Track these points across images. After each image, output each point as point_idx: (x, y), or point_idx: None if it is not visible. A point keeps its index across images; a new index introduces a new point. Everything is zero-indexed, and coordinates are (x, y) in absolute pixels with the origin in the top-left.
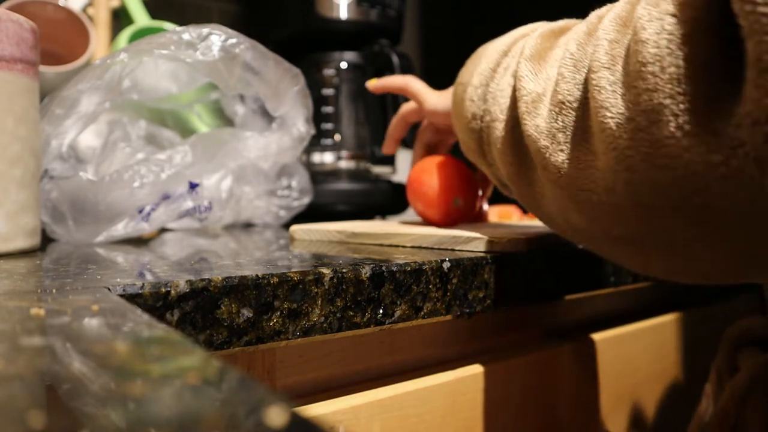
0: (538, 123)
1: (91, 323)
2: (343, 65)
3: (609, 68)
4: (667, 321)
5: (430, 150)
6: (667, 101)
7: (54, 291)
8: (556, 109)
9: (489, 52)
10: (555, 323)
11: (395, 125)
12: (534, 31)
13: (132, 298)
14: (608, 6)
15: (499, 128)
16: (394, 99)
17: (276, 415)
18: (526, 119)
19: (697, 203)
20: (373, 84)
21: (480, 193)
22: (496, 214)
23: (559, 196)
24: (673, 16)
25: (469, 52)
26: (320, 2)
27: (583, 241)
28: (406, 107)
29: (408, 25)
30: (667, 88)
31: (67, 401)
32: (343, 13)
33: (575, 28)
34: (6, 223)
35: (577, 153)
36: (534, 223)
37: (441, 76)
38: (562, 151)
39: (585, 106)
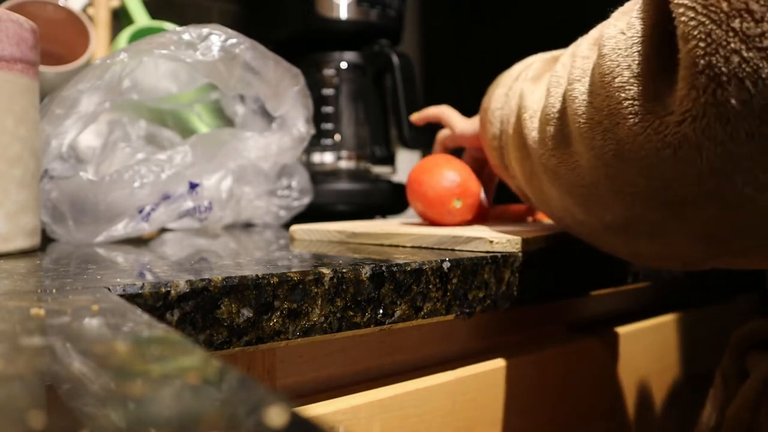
0: (534, 135)
1: (91, 323)
2: (343, 65)
3: (580, 80)
4: (667, 321)
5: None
6: (619, 106)
7: (54, 291)
8: (544, 121)
9: (504, 79)
10: (555, 323)
11: (435, 151)
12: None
13: (132, 298)
14: (591, 30)
15: (511, 144)
16: (394, 99)
17: (276, 415)
18: (526, 133)
19: (658, 187)
20: (415, 117)
21: (481, 193)
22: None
23: (560, 195)
24: (623, 33)
25: (469, 52)
26: (320, 2)
27: (586, 234)
28: (442, 134)
29: (408, 25)
30: (617, 95)
31: (67, 401)
32: (343, 13)
33: (566, 51)
34: (6, 223)
35: (564, 156)
36: (536, 224)
37: (441, 76)
38: (554, 156)
39: (564, 115)
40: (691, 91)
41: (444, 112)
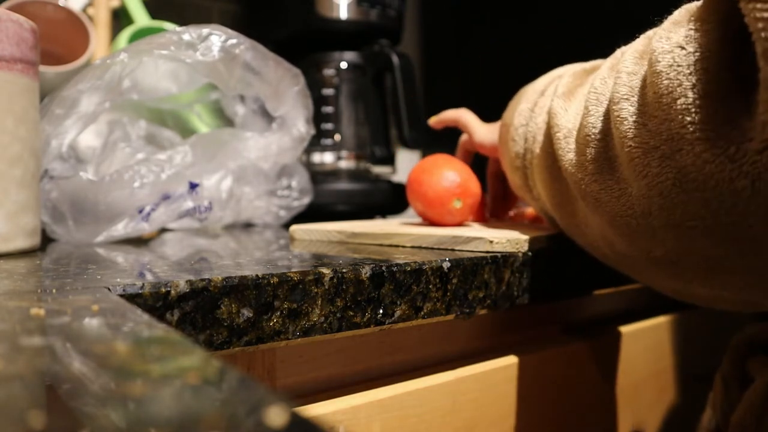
0: (570, 157)
1: (91, 323)
2: (343, 65)
3: (628, 99)
4: (666, 321)
5: (497, 179)
6: (683, 131)
7: (54, 291)
8: (584, 142)
9: (528, 93)
10: (555, 323)
11: (458, 155)
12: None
13: (132, 298)
14: (633, 42)
15: (538, 164)
16: (394, 99)
17: (276, 415)
18: (561, 155)
19: (726, 222)
20: (433, 121)
21: (480, 193)
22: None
23: (600, 224)
24: (682, 48)
25: (469, 52)
26: (320, 2)
27: (626, 268)
28: (464, 138)
29: (408, 25)
30: (680, 118)
31: (67, 401)
32: (343, 13)
33: (603, 64)
34: (6, 223)
35: (609, 182)
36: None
37: (441, 76)
38: (595, 181)
39: (608, 137)
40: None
41: (462, 116)
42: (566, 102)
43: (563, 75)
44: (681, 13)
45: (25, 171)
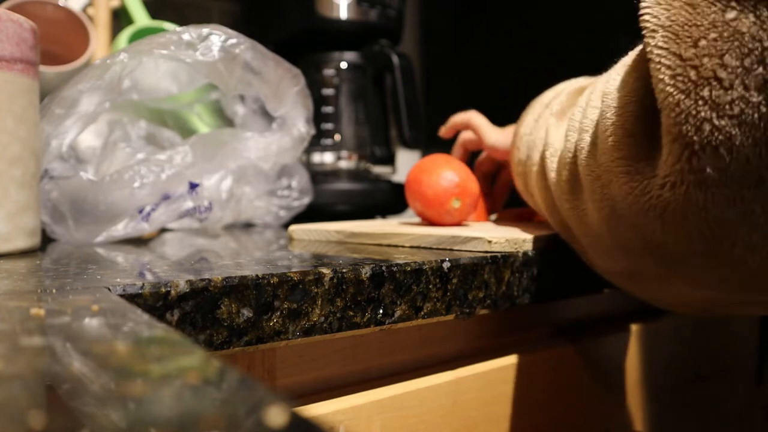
0: (552, 175)
1: (91, 323)
2: (343, 65)
3: (587, 131)
4: (668, 321)
5: (486, 179)
6: (613, 164)
7: (54, 291)
8: (561, 164)
9: (536, 105)
10: (555, 323)
11: (455, 152)
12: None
13: (132, 298)
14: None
15: (534, 173)
16: (394, 99)
17: (276, 415)
18: (547, 171)
19: (653, 246)
20: (444, 131)
21: (479, 193)
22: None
23: (576, 236)
24: (618, 91)
25: (469, 52)
26: (320, 2)
27: (605, 275)
28: (465, 136)
29: (408, 25)
30: (612, 153)
31: (67, 401)
32: (343, 13)
33: (593, 86)
34: (6, 223)
35: (575, 202)
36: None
37: (441, 76)
38: (566, 200)
39: (575, 163)
40: (668, 157)
41: (473, 119)
42: (558, 121)
43: (562, 92)
44: (627, 58)
45: (25, 171)
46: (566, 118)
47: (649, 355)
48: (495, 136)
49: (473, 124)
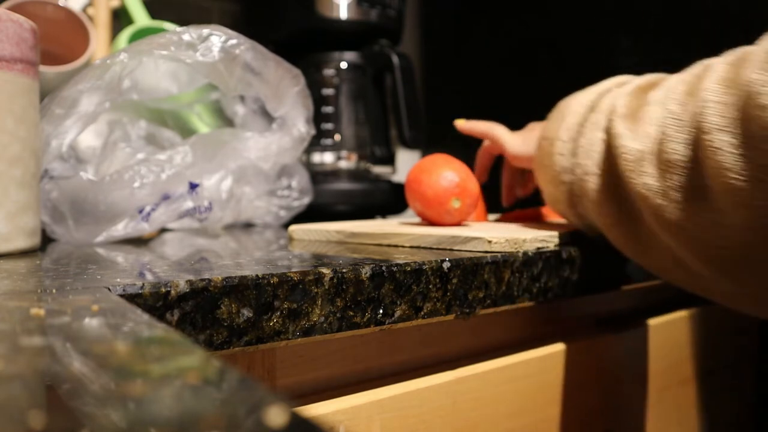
0: (646, 181)
1: (91, 323)
2: (343, 65)
3: (727, 131)
4: (676, 318)
5: (485, 172)
6: None
7: (54, 291)
8: (665, 168)
9: (573, 107)
10: (555, 323)
11: (481, 158)
12: (619, 86)
13: (132, 298)
14: (703, 64)
15: (593, 182)
16: (394, 99)
17: (276, 415)
18: (632, 177)
19: None
20: (461, 124)
21: (479, 193)
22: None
23: (677, 250)
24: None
25: (469, 52)
26: (320, 2)
27: (704, 292)
28: (486, 144)
29: (408, 25)
30: None
31: (67, 401)
32: (343, 13)
33: (668, 84)
34: (6, 223)
35: (697, 210)
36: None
37: (441, 76)
38: (681, 210)
39: (698, 165)
40: None
41: (492, 128)
42: (631, 123)
43: (615, 92)
44: None
45: (25, 171)
46: (645, 118)
47: (650, 355)
48: (517, 144)
49: (492, 135)
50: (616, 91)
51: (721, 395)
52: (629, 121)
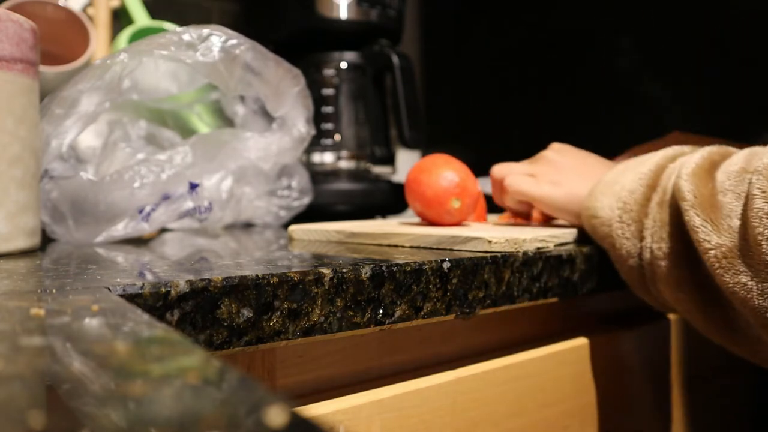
0: (742, 280)
1: (91, 323)
2: (343, 65)
3: None
4: (668, 321)
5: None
6: None
7: (54, 291)
8: (762, 267)
9: (628, 185)
10: (554, 323)
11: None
12: (673, 162)
13: (132, 298)
14: (765, 153)
15: (663, 266)
16: (394, 99)
17: (276, 415)
18: (723, 275)
19: None
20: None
21: (479, 193)
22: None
23: None
24: None
25: (469, 52)
26: (320, 2)
27: None
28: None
29: (408, 25)
30: None
31: (67, 401)
32: (343, 13)
33: (736, 169)
34: (6, 223)
35: None
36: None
37: (441, 76)
38: None
39: None
40: None
41: (529, 191)
42: (708, 214)
43: (671, 170)
44: None
45: (25, 171)
46: (724, 210)
47: (650, 355)
48: (555, 205)
49: (531, 196)
50: (672, 169)
51: (720, 398)
52: (704, 212)
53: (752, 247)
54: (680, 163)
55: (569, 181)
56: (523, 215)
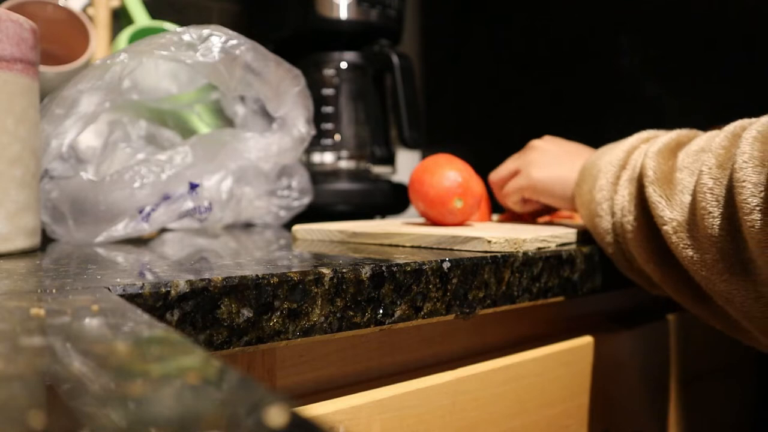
0: (690, 254)
1: (91, 323)
2: (343, 65)
3: (764, 211)
4: (667, 321)
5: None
6: None
7: (54, 291)
8: (707, 242)
9: (603, 166)
10: (554, 323)
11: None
12: (645, 143)
13: (132, 298)
14: (730, 133)
15: (631, 239)
16: (394, 99)
17: (276, 415)
18: (676, 250)
19: None
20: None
21: (482, 193)
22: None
23: (731, 313)
24: None
25: (469, 52)
26: (320, 2)
27: (750, 341)
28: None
29: (408, 25)
30: None
31: (67, 401)
32: (343, 13)
33: (695, 149)
34: (6, 223)
35: (742, 284)
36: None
37: (441, 76)
38: (725, 281)
39: (739, 240)
40: None
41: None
42: (664, 190)
43: (642, 149)
44: None
45: (25, 171)
46: (678, 185)
47: (649, 355)
48: (557, 199)
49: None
50: (643, 149)
51: (719, 398)
52: (661, 187)
53: (698, 221)
54: (651, 143)
55: (552, 165)
56: (528, 215)
